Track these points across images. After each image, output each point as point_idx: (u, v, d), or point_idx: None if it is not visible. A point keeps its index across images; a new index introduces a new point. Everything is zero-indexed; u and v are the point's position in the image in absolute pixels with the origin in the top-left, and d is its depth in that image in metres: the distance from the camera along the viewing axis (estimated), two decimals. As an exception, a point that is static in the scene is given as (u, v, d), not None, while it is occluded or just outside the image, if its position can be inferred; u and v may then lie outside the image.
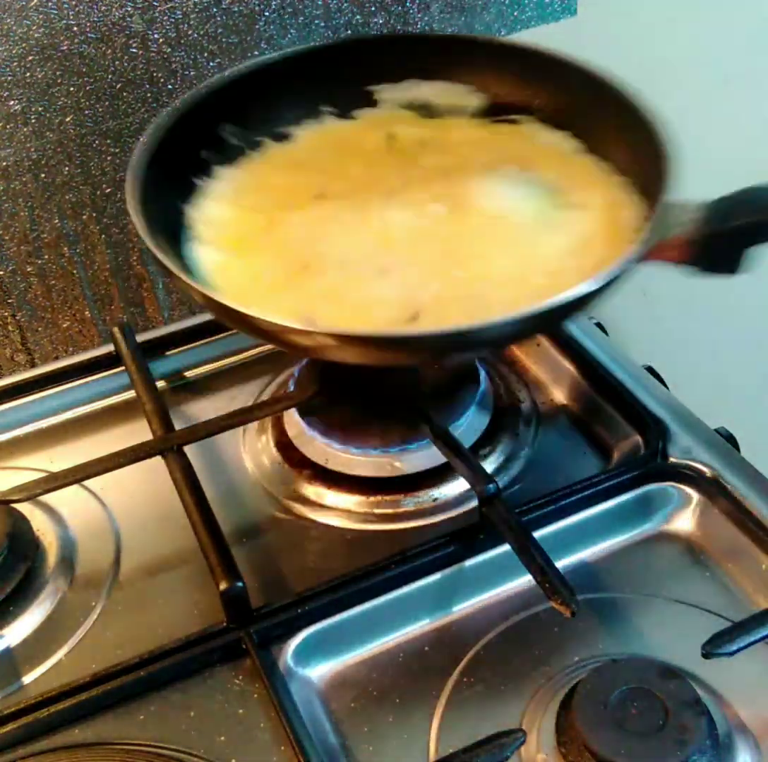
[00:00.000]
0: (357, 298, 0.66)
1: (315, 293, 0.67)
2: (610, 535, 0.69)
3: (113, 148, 0.86)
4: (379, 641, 0.64)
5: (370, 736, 0.59)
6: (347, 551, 0.70)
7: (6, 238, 0.87)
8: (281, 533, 0.72)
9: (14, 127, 0.82)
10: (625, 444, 0.75)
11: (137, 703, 0.61)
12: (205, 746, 0.58)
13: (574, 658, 0.62)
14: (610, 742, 0.53)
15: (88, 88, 0.83)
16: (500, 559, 0.66)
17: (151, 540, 0.72)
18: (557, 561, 0.61)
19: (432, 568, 0.66)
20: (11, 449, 0.82)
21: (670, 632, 0.63)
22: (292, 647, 0.63)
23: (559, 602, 0.58)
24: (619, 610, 0.65)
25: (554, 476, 0.73)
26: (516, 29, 0.98)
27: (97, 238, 0.90)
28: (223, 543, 0.65)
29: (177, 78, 0.86)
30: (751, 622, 0.57)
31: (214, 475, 0.75)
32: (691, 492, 0.70)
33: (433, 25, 0.94)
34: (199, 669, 0.62)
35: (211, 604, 0.64)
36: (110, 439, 0.82)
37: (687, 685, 0.55)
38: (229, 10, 0.85)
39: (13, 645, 0.66)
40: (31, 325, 0.92)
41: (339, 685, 0.62)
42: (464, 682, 0.61)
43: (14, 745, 0.59)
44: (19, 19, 0.78)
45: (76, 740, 0.59)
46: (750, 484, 0.69)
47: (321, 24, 0.89)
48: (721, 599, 0.64)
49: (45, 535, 0.73)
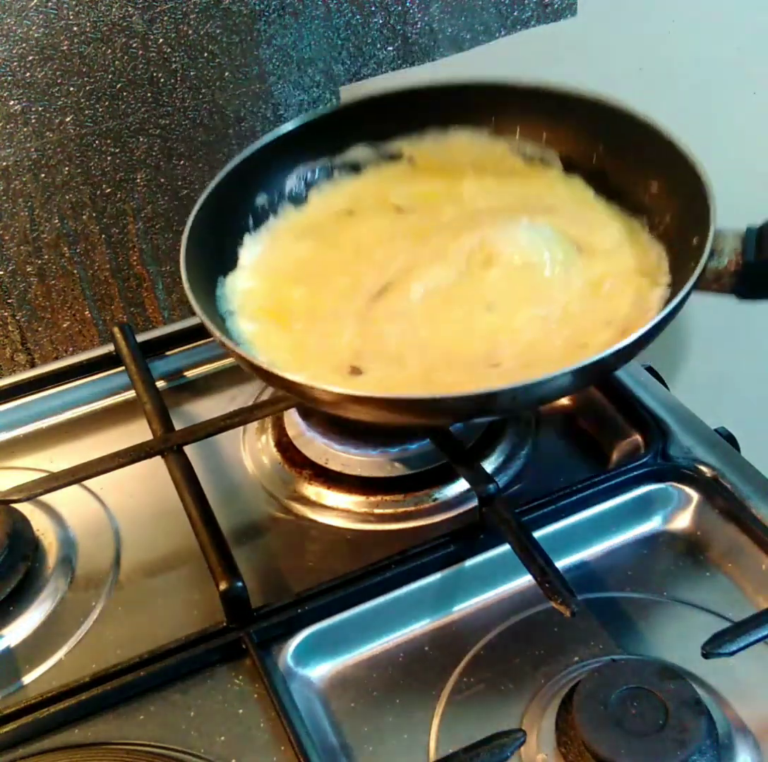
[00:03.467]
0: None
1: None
2: (610, 535, 0.69)
3: (113, 148, 0.87)
4: (379, 641, 0.64)
5: (370, 736, 0.59)
6: (347, 551, 0.70)
7: (6, 238, 0.87)
8: (281, 533, 0.72)
9: (14, 127, 0.82)
10: (625, 444, 0.75)
11: (137, 703, 0.61)
12: (205, 746, 0.58)
13: (574, 658, 0.62)
14: (610, 742, 0.53)
15: (88, 88, 0.83)
16: (500, 559, 0.66)
17: (151, 540, 0.72)
18: (557, 561, 0.61)
19: (432, 568, 0.66)
20: (11, 449, 0.82)
21: (670, 632, 0.63)
22: (292, 647, 0.63)
23: (559, 602, 0.58)
24: (619, 610, 0.65)
25: (554, 476, 0.73)
26: (516, 29, 0.98)
27: (97, 238, 0.90)
28: (223, 543, 0.65)
29: (177, 78, 0.86)
30: (751, 622, 0.57)
31: (214, 475, 0.75)
32: (691, 492, 0.70)
33: (433, 25, 0.94)
34: (199, 669, 0.62)
35: (211, 604, 0.64)
36: (110, 439, 0.82)
37: (687, 685, 0.55)
38: (229, 10, 0.85)
39: (13, 645, 0.66)
40: (31, 325, 0.92)
41: (339, 685, 0.62)
42: (464, 682, 0.61)
43: (14, 745, 0.59)
44: (19, 19, 0.78)
45: (76, 740, 0.59)
46: (750, 484, 0.69)
47: (321, 24, 0.89)
48: (721, 599, 0.64)
49: (45, 535, 0.73)
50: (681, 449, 0.72)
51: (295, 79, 0.91)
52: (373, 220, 0.79)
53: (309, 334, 0.70)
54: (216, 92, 0.88)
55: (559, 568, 0.60)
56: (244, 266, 0.76)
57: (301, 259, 0.77)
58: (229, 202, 0.77)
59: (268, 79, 0.90)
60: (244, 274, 0.75)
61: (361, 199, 0.81)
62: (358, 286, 0.73)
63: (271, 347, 0.69)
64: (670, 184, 0.73)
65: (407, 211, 0.80)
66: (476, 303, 0.70)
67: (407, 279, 0.72)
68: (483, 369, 0.66)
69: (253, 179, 0.79)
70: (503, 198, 0.79)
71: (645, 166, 0.75)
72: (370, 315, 0.71)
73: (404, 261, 0.74)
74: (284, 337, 0.70)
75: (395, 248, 0.75)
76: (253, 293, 0.74)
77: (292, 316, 0.72)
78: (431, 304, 0.70)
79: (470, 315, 0.69)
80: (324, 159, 0.83)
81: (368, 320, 0.70)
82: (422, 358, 0.67)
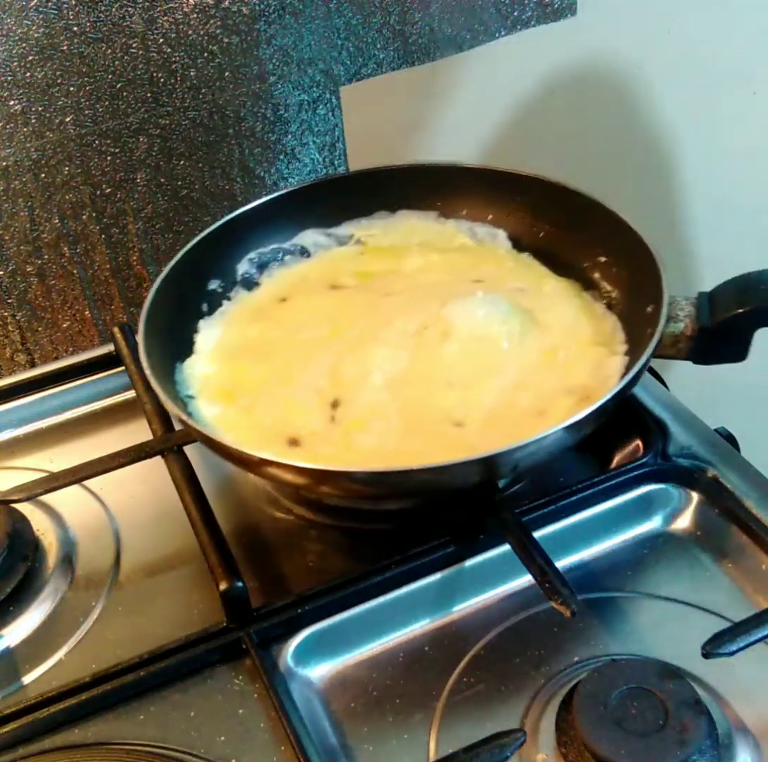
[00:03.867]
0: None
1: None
2: (610, 535, 0.69)
3: (113, 148, 0.87)
4: (379, 641, 0.64)
5: (370, 736, 0.59)
6: (347, 551, 0.70)
7: (6, 238, 0.87)
8: (281, 533, 0.72)
9: (14, 127, 0.82)
10: (625, 444, 0.75)
11: (137, 703, 0.61)
12: (205, 746, 0.58)
13: (574, 658, 0.62)
14: (610, 742, 0.53)
15: (88, 88, 0.83)
16: (500, 559, 0.66)
17: (151, 540, 0.72)
18: (557, 561, 0.61)
19: (432, 568, 0.66)
20: (11, 449, 0.82)
21: (670, 632, 0.63)
22: (292, 647, 0.63)
23: (559, 602, 0.58)
24: (619, 610, 0.65)
25: (554, 476, 0.73)
26: (516, 29, 0.98)
27: (97, 238, 0.90)
28: (223, 543, 0.65)
29: (177, 78, 0.86)
30: (751, 622, 0.57)
31: (214, 475, 0.75)
32: (691, 492, 0.70)
33: (433, 25, 0.94)
34: (199, 669, 0.62)
35: (211, 604, 0.64)
36: (110, 439, 0.82)
37: (687, 685, 0.55)
38: (229, 10, 0.85)
39: (13, 645, 0.66)
40: (31, 325, 0.92)
41: (339, 685, 0.62)
42: (464, 682, 0.61)
43: (14, 745, 0.59)
44: (19, 19, 0.78)
45: (76, 740, 0.59)
46: (750, 484, 0.69)
47: (321, 24, 0.89)
48: (721, 599, 0.64)
49: (45, 535, 0.73)
50: (681, 449, 0.72)
51: (295, 79, 0.91)
52: (314, 299, 0.80)
53: (263, 412, 0.71)
54: (216, 92, 0.88)
55: (559, 568, 0.60)
56: (200, 351, 0.76)
57: (254, 340, 0.77)
58: (183, 289, 0.77)
59: (268, 79, 0.90)
60: (200, 359, 0.76)
61: (308, 280, 0.83)
62: (310, 364, 0.73)
63: (232, 427, 0.69)
64: (619, 257, 0.75)
65: (352, 289, 0.81)
66: (437, 381, 0.70)
67: (363, 360, 0.72)
68: (447, 428, 0.67)
69: (205, 265, 0.80)
70: (453, 273, 0.81)
71: (592, 241, 0.77)
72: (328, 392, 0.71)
73: (354, 337, 0.74)
74: (242, 417, 0.70)
75: (343, 324, 0.76)
76: (209, 378, 0.74)
77: (246, 396, 0.72)
78: (391, 385, 0.70)
79: (431, 394, 0.70)
80: (275, 244, 0.84)
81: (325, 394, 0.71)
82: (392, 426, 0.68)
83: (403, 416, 0.68)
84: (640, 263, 0.71)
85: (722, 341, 0.67)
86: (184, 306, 0.78)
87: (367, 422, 0.68)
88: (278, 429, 0.68)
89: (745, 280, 0.67)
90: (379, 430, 0.67)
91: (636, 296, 0.72)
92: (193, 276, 0.79)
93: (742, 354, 0.67)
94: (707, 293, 0.68)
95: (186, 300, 0.78)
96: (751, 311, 0.65)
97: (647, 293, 0.69)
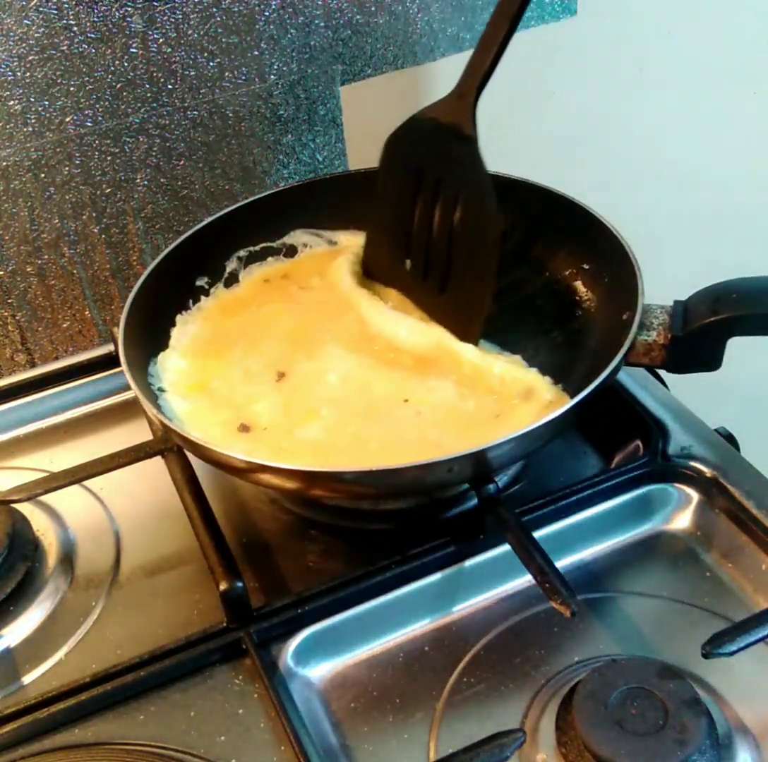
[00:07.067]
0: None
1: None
2: (610, 535, 0.69)
3: (113, 148, 0.87)
4: (379, 641, 0.64)
5: (370, 736, 0.59)
6: (347, 551, 0.70)
7: (6, 238, 0.87)
8: (281, 533, 0.72)
9: (14, 127, 0.82)
10: (625, 444, 0.75)
11: (137, 703, 0.61)
12: (205, 746, 0.58)
13: (574, 658, 0.62)
14: (610, 742, 0.53)
15: (88, 88, 0.83)
16: (500, 559, 0.66)
17: (151, 540, 0.72)
18: (557, 561, 0.61)
19: (432, 568, 0.66)
20: (11, 449, 0.82)
21: (670, 632, 0.63)
22: (292, 647, 0.63)
23: (559, 602, 0.58)
24: (619, 610, 0.65)
25: (554, 476, 0.73)
26: (516, 29, 0.98)
27: (97, 238, 0.90)
28: (223, 543, 0.65)
29: (177, 78, 0.86)
30: (751, 622, 0.57)
31: (214, 475, 0.75)
32: (691, 492, 0.70)
33: (433, 25, 0.94)
34: (199, 669, 0.62)
35: (211, 604, 0.64)
36: (110, 439, 0.82)
37: (687, 685, 0.55)
38: (229, 10, 0.85)
39: (13, 645, 0.66)
40: (31, 325, 0.92)
41: (339, 685, 0.62)
42: (464, 682, 0.61)
43: (14, 745, 0.59)
44: (19, 19, 0.78)
45: (76, 740, 0.59)
46: (750, 484, 0.69)
47: (321, 24, 0.89)
48: (721, 599, 0.64)
49: (45, 535, 0.73)
50: (681, 449, 0.72)
51: (295, 79, 0.91)
52: (286, 298, 0.82)
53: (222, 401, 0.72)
54: (216, 92, 0.88)
55: (558, 568, 0.60)
56: (173, 346, 0.77)
57: (226, 335, 0.78)
58: (170, 283, 0.78)
59: (268, 79, 0.90)
60: (173, 354, 0.76)
61: (288, 277, 0.84)
62: (269, 357, 0.75)
63: (203, 423, 0.70)
64: (603, 264, 0.75)
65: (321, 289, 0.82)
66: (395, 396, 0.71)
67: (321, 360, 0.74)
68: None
69: (194, 261, 0.81)
70: None
71: (580, 248, 0.78)
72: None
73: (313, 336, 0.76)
74: (204, 409, 0.72)
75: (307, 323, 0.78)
76: (181, 372, 0.75)
77: (209, 388, 0.73)
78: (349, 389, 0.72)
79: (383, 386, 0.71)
80: (264, 243, 0.85)
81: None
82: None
83: (357, 405, 0.69)
84: (621, 271, 0.71)
85: (695, 350, 0.67)
86: (170, 301, 0.79)
87: (319, 411, 0.70)
88: (232, 416, 0.70)
89: (719, 289, 0.67)
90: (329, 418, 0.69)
91: (613, 303, 0.72)
92: (181, 272, 0.79)
93: (716, 363, 0.67)
94: (682, 302, 0.68)
95: (172, 295, 0.79)
96: (723, 320, 0.65)
97: (624, 301, 0.69)
